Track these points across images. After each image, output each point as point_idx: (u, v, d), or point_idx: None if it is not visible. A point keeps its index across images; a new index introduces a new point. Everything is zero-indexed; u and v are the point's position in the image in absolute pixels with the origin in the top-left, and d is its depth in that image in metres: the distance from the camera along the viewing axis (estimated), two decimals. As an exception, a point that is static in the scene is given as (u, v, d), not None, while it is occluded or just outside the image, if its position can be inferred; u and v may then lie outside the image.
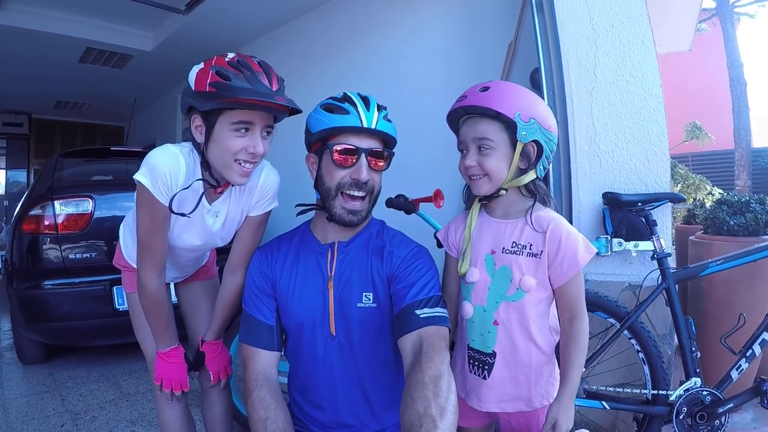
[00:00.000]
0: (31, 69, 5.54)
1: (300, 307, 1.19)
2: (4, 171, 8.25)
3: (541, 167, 1.14)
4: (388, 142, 1.20)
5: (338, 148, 1.13)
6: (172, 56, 5.18)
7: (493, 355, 1.14)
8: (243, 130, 1.14)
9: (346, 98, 1.16)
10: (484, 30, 2.98)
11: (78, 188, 2.91)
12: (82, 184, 3.04)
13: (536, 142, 1.09)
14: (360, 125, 1.12)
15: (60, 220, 2.77)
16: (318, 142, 1.17)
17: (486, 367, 1.15)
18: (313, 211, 1.26)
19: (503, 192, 1.13)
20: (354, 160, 1.14)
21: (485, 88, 1.09)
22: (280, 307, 1.22)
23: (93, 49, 5.04)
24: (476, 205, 1.20)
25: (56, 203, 2.78)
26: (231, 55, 1.16)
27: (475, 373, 1.17)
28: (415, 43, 3.42)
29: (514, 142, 1.08)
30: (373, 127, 1.13)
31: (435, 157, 2.87)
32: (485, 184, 1.12)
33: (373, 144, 1.16)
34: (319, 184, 1.19)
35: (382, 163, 1.18)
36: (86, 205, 2.82)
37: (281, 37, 4.61)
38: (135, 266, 1.43)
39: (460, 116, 1.16)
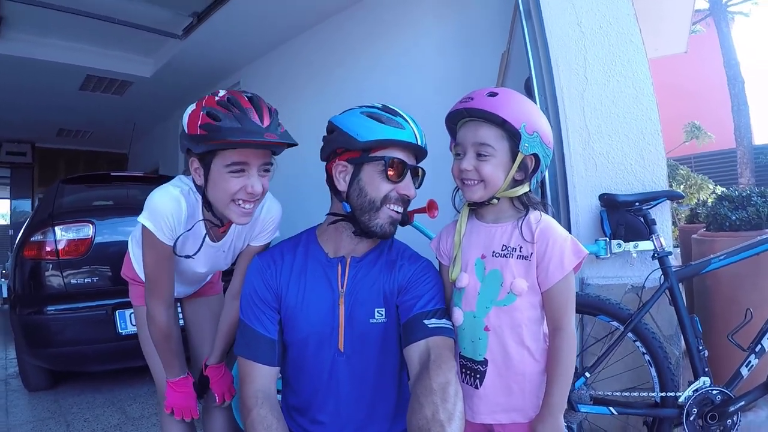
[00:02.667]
0: (32, 98, 5.63)
1: (307, 322, 1.16)
2: (8, 201, 8.32)
3: (535, 182, 1.13)
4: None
5: (395, 162, 1.11)
6: (171, 81, 5.27)
7: (485, 362, 1.11)
8: (239, 171, 1.15)
9: (392, 111, 1.15)
10: (478, 41, 3.01)
11: (78, 213, 2.93)
12: (83, 209, 3.05)
13: (535, 155, 1.08)
14: (416, 142, 1.12)
15: (61, 245, 2.78)
16: (358, 152, 1.12)
17: (478, 375, 1.11)
18: (327, 216, 1.23)
19: (495, 201, 1.11)
20: (402, 176, 1.13)
21: (493, 94, 1.07)
22: (284, 320, 1.18)
23: (93, 77, 5.13)
24: (465, 211, 1.17)
25: (57, 229, 2.79)
26: (222, 93, 1.16)
27: (466, 383, 1.14)
28: (411, 58, 3.46)
29: (513, 152, 1.07)
30: (423, 145, 1.15)
31: (430, 168, 2.87)
32: (479, 190, 1.09)
33: (414, 160, 1.17)
34: (353, 195, 1.13)
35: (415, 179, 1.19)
36: (87, 230, 2.83)
37: (278, 57, 4.67)
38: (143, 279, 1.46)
39: (461, 118, 1.12)
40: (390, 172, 1.11)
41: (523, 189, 1.11)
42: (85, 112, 6.34)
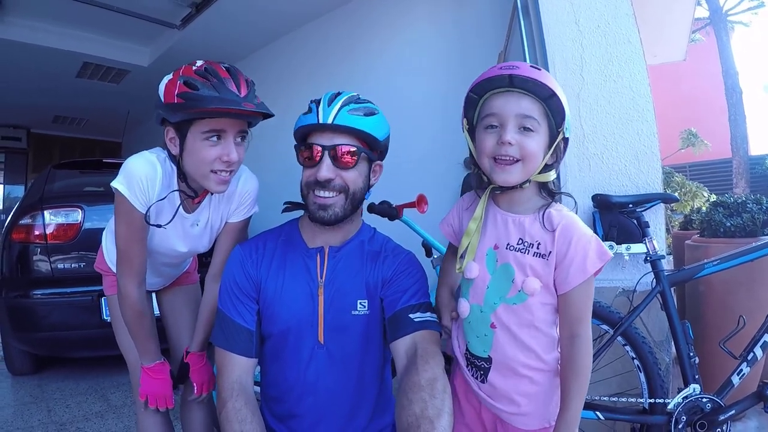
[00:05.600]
0: (29, 82, 5.57)
1: (287, 313, 1.14)
2: (2, 186, 8.24)
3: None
4: (367, 139, 1.12)
5: (301, 147, 1.13)
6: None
7: (489, 360, 1.04)
8: (215, 138, 1.14)
9: (317, 99, 1.15)
10: (474, 41, 3.02)
11: (68, 198, 2.90)
12: (73, 194, 3.03)
13: (566, 140, 0.99)
14: (317, 122, 1.09)
15: (49, 230, 2.76)
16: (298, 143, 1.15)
17: (482, 371, 1.06)
18: (302, 211, 1.22)
19: (526, 185, 1.00)
20: (318, 159, 1.09)
21: (536, 67, 0.97)
22: (263, 311, 1.16)
23: (90, 64, 5.08)
24: (486, 196, 1.05)
25: (46, 213, 2.77)
26: (199, 63, 1.15)
27: (472, 375, 1.09)
28: (410, 54, 3.47)
29: (551, 133, 0.97)
30: (329, 122, 1.08)
31: (425, 165, 2.88)
32: (517, 171, 0.96)
33: (339, 140, 1.10)
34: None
35: (349, 160, 1.10)
36: (76, 216, 2.81)
37: (277, 51, 4.65)
38: (115, 271, 1.43)
39: (497, 86, 0.98)
40: (300, 157, 1.14)
41: (553, 175, 1.01)
42: (81, 99, 6.28)
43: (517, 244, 1.00)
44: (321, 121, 1.08)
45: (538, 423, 1.04)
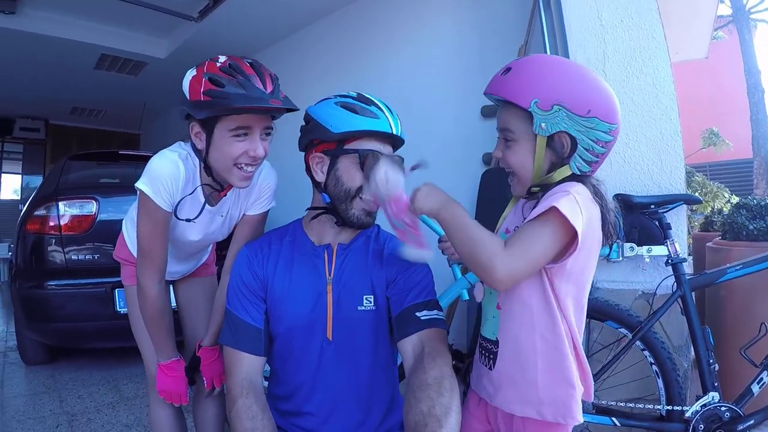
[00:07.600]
0: (47, 74, 5.61)
1: (295, 311, 1.14)
2: (20, 176, 8.36)
3: (581, 162, 0.92)
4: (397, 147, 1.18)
5: (369, 152, 1.09)
6: (186, 63, 5.06)
7: (497, 343, 1.03)
8: (242, 135, 1.15)
9: (366, 100, 1.12)
10: (493, 34, 2.97)
11: (83, 190, 2.91)
12: (88, 186, 3.04)
13: (567, 133, 0.91)
14: (390, 131, 1.09)
15: (64, 221, 2.77)
16: (333, 143, 1.10)
17: (491, 356, 1.04)
18: (306, 211, 1.22)
19: (536, 189, 0.97)
20: None
21: (507, 70, 0.94)
22: (270, 310, 1.16)
23: (108, 56, 5.10)
24: (513, 201, 1.09)
25: (60, 204, 2.78)
26: (222, 59, 1.15)
27: (481, 362, 1.07)
28: (428, 50, 3.43)
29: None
30: (399, 134, 1.12)
31: (442, 162, 2.84)
32: (515, 182, 0.99)
33: (391, 150, 1.14)
34: (330, 185, 1.12)
35: None
36: (90, 207, 2.82)
37: (294, 44, 4.63)
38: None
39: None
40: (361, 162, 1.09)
41: (561, 174, 0.94)
42: (99, 91, 6.32)
43: (514, 229, 1.00)
44: (395, 132, 1.10)
45: (547, 411, 0.97)
